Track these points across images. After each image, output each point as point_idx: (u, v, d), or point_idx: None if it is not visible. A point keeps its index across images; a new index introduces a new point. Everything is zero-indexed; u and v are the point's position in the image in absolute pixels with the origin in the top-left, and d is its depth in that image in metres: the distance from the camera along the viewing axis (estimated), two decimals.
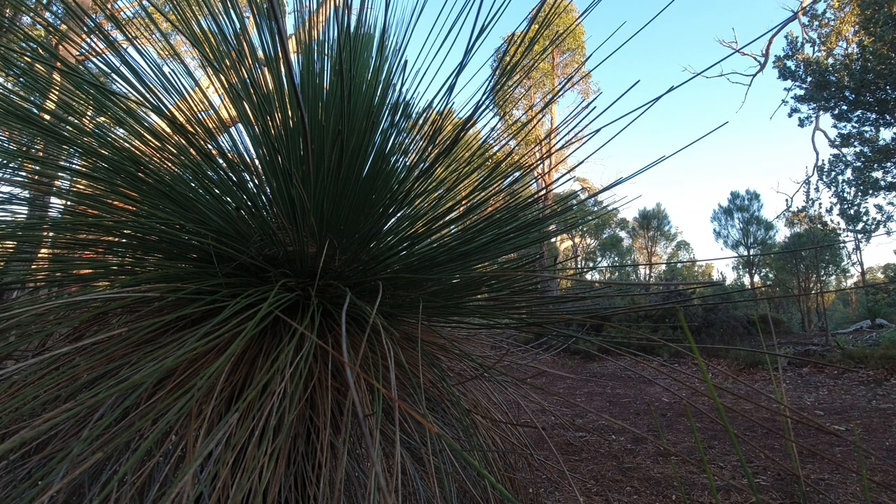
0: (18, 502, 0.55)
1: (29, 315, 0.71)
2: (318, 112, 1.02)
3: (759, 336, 6.69)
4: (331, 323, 0.87)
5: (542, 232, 1.16)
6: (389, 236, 1.07)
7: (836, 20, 10.36)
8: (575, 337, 1.09)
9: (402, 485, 0.87)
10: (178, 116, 0.96)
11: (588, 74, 14.38)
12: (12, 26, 0.96)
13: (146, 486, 0.70)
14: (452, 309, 1.04)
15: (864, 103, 8.80)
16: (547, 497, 1.61)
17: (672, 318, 6.82)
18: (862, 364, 4.86)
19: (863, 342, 6.23)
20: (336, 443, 0.75)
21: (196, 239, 0.84)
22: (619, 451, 2.46)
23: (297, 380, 0.67)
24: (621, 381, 5.27)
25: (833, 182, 10.37)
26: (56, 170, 0.97)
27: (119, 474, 0.45)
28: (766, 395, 3.77)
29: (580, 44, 14.76)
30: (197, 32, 0.94)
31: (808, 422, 0.94)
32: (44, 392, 0.63)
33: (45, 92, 0.93)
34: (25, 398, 0.59)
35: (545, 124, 14.57)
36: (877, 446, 2.52)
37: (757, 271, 16.10)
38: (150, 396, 0.70)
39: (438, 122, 1.03)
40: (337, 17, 0.96)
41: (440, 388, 0.91)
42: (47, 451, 0.68)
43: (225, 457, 0.59)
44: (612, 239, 20.81)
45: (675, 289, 2.57)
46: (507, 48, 1.02)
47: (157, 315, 0.76)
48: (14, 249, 0.97)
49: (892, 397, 3.86)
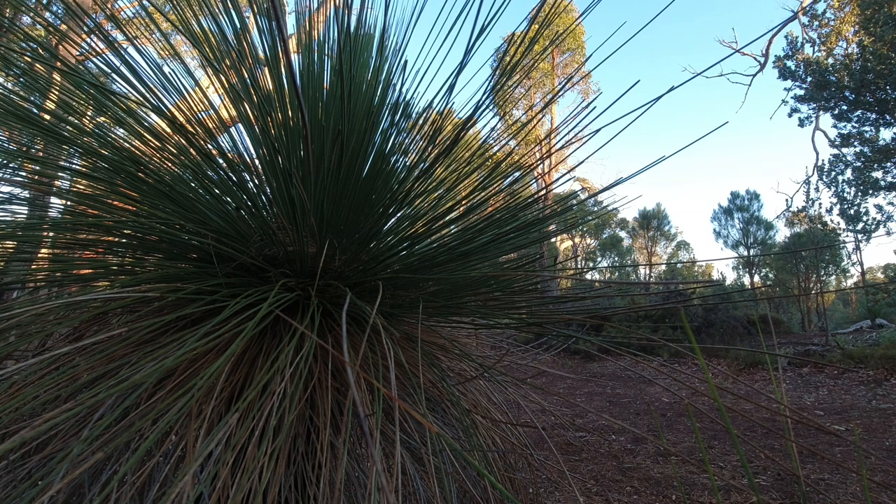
0: (18, 502, 0.55)
1: (29, 315, 0.71)
2: (319, 112, 1.02)
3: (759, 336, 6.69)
4: (331, 323, 0.87)
5: (542, 232, 1.16)
6: (389, 236, 1.07)
7: (836, 20, 10.36)
8: (575, 337, 1.09)
9: (402, 485, 0.87)
10: (178, 116, 0.96)
11: (588, 74, 14.38)
12: (12, 26, 0.96)
13: (146, 486, 0.70)
14: (452, 309, 1.04)
15: (864, 103, 8.80)
16: (547, 497, 1.61)
17: (672, 318, 6.82)
18: (862, 364, 4.86)
19: (863, 342, 6.23)
20: (336, 443, 0.75)
21: (196, 239, 0.84)
22: (619, 451, 2.46)
23: (297, 380, 0.67)
24: (621, 381, 5.27)
25: (833, 182, 10.37)
26: (56, 170, 0.97)
27: (119, 474, 0.45)
28: (766, 395, 3.77)
29: (580, 44, 14.76)
30: (197, 32, 0.94)
31: (808, 422, 0.94)
32: (44, 392, 0.63)
33: (45, 92, 0.93)
34: (25, 398, 0.59)
35: (545, 124, 14.57)
36: (877, 446, 2.52)
37: (757, 271, 16.10)
38: (150, 396, 0.70)
39: (438, 122, 1.03)
40: (337, 17, 0.96)
41: (440, 388, 0.91)
42: (47, 451, 0.68)
43: (225, 457, 0.59)
44: (612, 239, 20.81)
45: (674, 289, 2.57)
46: (507, 48, 1.02)
47: (157, 315, 0.76)
48: (14, 249, 0.97)
49: (892, 397, 3.86)
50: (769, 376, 5.02)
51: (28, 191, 1.02)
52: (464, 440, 0.96)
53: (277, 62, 1.00)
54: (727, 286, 12.24)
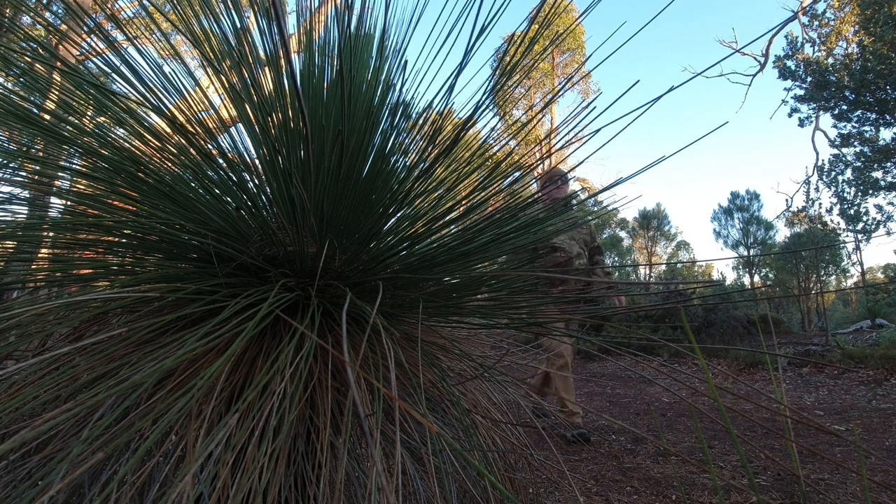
0: (18, 502, 0.55)
1: (29, 315, 0.71)
2: (319, 112, 1.02)
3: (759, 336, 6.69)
4: (331, 323, 0.87)
5: (542, 232, 1.16)
6: (389, 236, 1.07)
7: (836, 20, 10.37)
8: (575, 337, 1.09)
9: (403, 485, 0.87)
10: (179, 116, 0.96)
11: (588, 74, 14.38)
12: (12, 26, 0.96)
13: (146, 487, 0.70)
14: (452, 309, 1.04)
15: (864, 103, 8.81)
16: (547, 497, 1.61)
17: (672, 318, 6.82)
18: (862, 364, 4.86)
19: (863, 342, 6.23)
20: (336, 443, 0.75)
21: (196, 239, 0.84)
22: (620, 451, 2.46)
23: (297, 380, 0.67)
24: (621, 381, 5.27)
25: (833, 182, 10.38)
26: (56, 170, 0.97)
27: (119, 474, 0.45)
28: (766, 395, 3.77)
29: (580, 44, 14.77)
30: (197, 32, 0.94)
31: (808, 422, 0.94)
32: (44, 392, 0.63)
33: (45, 92, 0.93)
34: (25, 398, 0.59)
35: (545, 124, 14.58)
36: (877, 446, 2.52)
37: (757, 271, 16.10)
38: (150, 396, 0.70)
39: (438, 123, 1.03)
40: (337, 17, 0.97)
41: (440, 388, 0.91)
42: (47, 451, 0.68)
43: (225, 457, 0.59)
44: (612, 239, 20.81)
45: (674, 289, 2.57)
46: (507, 48, 1.02)
47: (157, 315, 0.76)
48: (14, 249, 0.97)
49: (892, 397, 3.86)
50: (769, 376, 5.02)
51: (28, 191, 1.02)
52: (464, 440, 0.96)
53: (278, 62, 1.00)
54: (727, 286, 12.24)
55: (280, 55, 0.98)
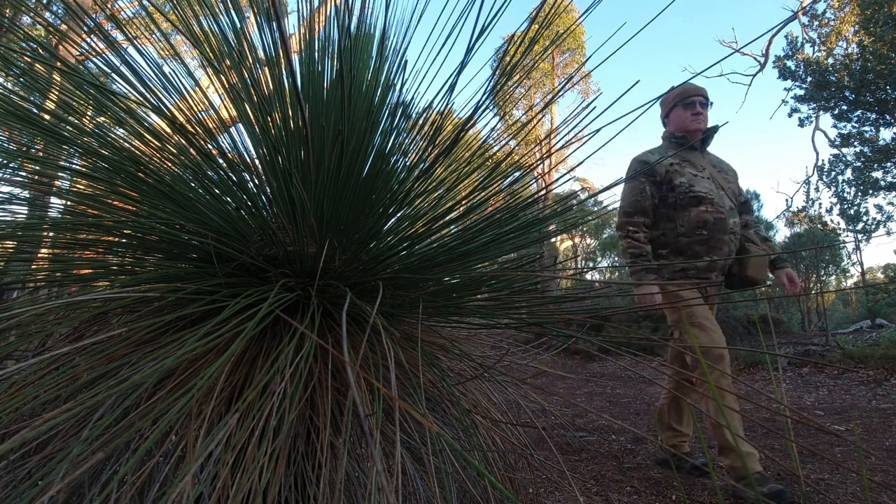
0: (18, 502, 0.55)
1: (29, 315, 0.71)
2: (319, 112, 1.02)
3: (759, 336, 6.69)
4: (331, 323, 0.87)
5: (542, 232, 1.16)
6: (389, 236, 1.07)
7: (836, 20, 10.37)
8: (575, 337, 1.09)
9: (403, 485, 0.87)
10: (178, 116, 0.96)
11: (588, 74, 14.38)
12: (12, 26, 0.96)
13: (146, 487, 0.70)
14: (452, 309, 1.04)
15: (864, 103, 8.81)
16: (547, 497, 1.61)
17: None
18: (862, 364, 4.86)
19: (863, 342, 6.23)
20: (336, 443, 0.75)
21: (196, 239, 0.84)
22: (619, 451, 2.46)
23: (297, 380, 0.67)
24: (621, 381, 5.27)
25: (833, 182, 10.39)
26: (56, 170, 0.97)
27: (119, 474, 0.45)
28: (766, 394, 3.77)
29: (580, 44, 14.78)
30: (197, 32, 0.94)
31: (808, 422, 0.94)
32: (44, 392, 0.63)
33: (45, 92, 0.93)
34: (25, 398, 0.59)
35: (545, 124, 14.58)
36: (877, 446, 2.52)
37: None
38: (150, 396, 0.70)
39: (438, 123, 1.03)
40: (337, 17, 0.97)
41: (440, 388, 0.91)
42: (47, 451, 0.68)
43: (225, 457, 0.59)
44: (612, 239, 20.80)
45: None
46: (508, 48, 1.02)
47: (157, 315, 0.76)
48: (14, 249, 0.97)
49: (892, 397, 3.86)
50: (769, 376, 5.02)
51: (28, 191, 1.02)
52: (464, 440, 0.96)
53: (278, 62, 1.00)
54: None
55: (280, 55, 0.98)
